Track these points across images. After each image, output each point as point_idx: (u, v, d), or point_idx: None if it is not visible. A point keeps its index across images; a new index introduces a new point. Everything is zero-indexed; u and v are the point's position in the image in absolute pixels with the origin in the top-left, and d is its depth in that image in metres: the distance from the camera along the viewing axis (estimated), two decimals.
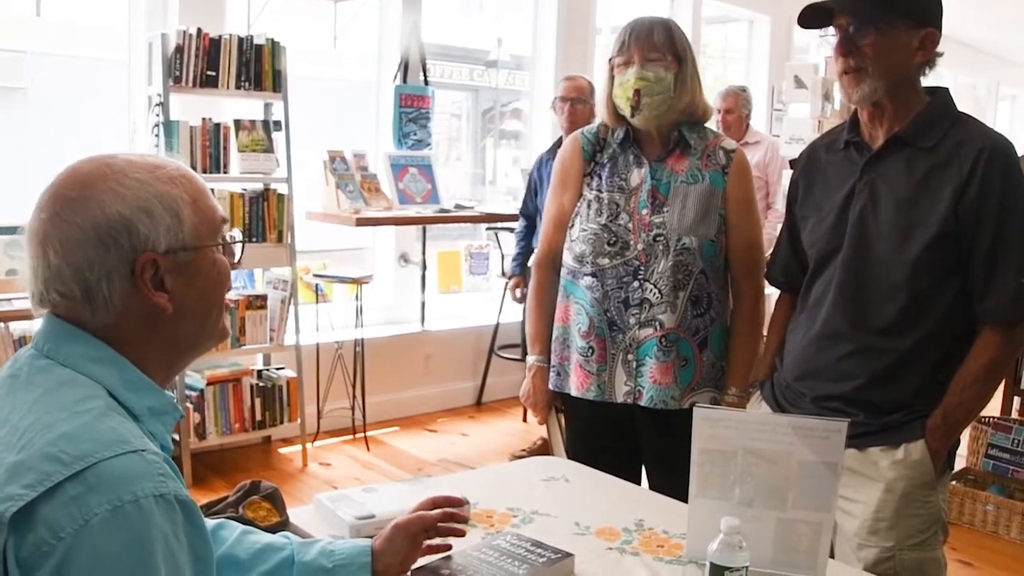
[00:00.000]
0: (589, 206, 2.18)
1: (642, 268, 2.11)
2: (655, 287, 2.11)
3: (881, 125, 1.80)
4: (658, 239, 2.11)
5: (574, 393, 2.21)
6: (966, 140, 1.72)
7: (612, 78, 2.16)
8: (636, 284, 2.12)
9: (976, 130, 1.75)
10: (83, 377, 0.99)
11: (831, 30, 1.76)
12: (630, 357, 2.13)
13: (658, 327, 2.11)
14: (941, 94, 1.81)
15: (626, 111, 2.13)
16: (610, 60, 2.16)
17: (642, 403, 2.14)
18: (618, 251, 2.13)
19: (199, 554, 0.95)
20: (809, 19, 1.77)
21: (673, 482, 2.08)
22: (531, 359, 2.33)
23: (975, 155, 1.69)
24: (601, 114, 2.23)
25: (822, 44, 8.19)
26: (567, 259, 2.23)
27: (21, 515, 0.87)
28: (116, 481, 0.89)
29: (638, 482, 2.25)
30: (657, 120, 2.14)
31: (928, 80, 1.82)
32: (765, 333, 2.19)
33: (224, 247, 1.11)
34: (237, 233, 1.15)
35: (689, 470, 2.16)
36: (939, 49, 1.77)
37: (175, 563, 0.91)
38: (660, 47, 2.10)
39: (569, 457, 2.22)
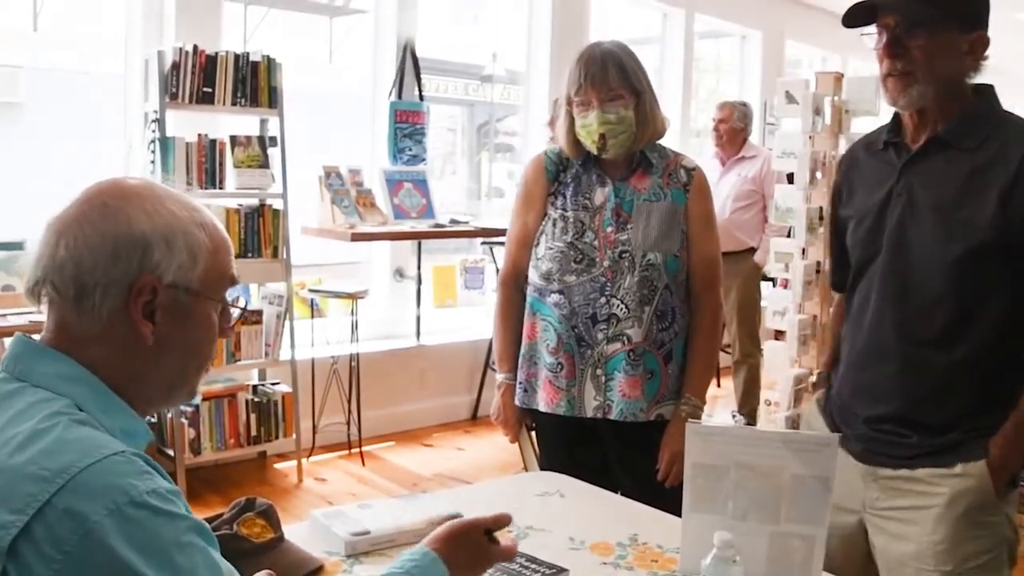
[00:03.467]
0: (554, 224, 2.21)
1: (609, 284, 2.15)
2: (622, 302, 2.14)
3: (924, 129, 1.71)
4: (624, 255, 2.15)
5: (543, 409, 2.24)
6: (1012, 140, 1.62)
7: (571, 114, 2.18)
8: (603, 300, 2.15)
9: (1023, 129, 1.65)
10: (56, 396, 0.98)
11: (870, 28, 1.67)
12: (599, 372, 2.16)
13: (626, 341, 2.14)
14: (987, 92, 1.70)
15: (593, 150, 2.18)
16: (568, 96, 2.18)
17: (612, 416, 2.17)
18: (584, 268, 2.16)
19: (201, 528, 0.96)
20: (853, 18, 1.67)
21: (644, 491, 2.10)
22: (500, 377, 2.35)
23: (1022, 155, 1.60)
24: (561, 144, 2.25)
25: (814, 60, 8.23)
26: (533, 277, 2.25)
27: (16, 541, 0.87)
28: (106, 485, 0.89)
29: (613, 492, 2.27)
30: (625, 152, 2.19)
31: None
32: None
33: (223, 309, 1.11)
34: (241, 302, 1.16)
35: (658, 479, 2.20)
36: (987, 52, 1.67)
37: (185, 550, 0.91)
38: (616, 87, 2.12)
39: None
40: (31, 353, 1.02)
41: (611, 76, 2.12)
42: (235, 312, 1.15)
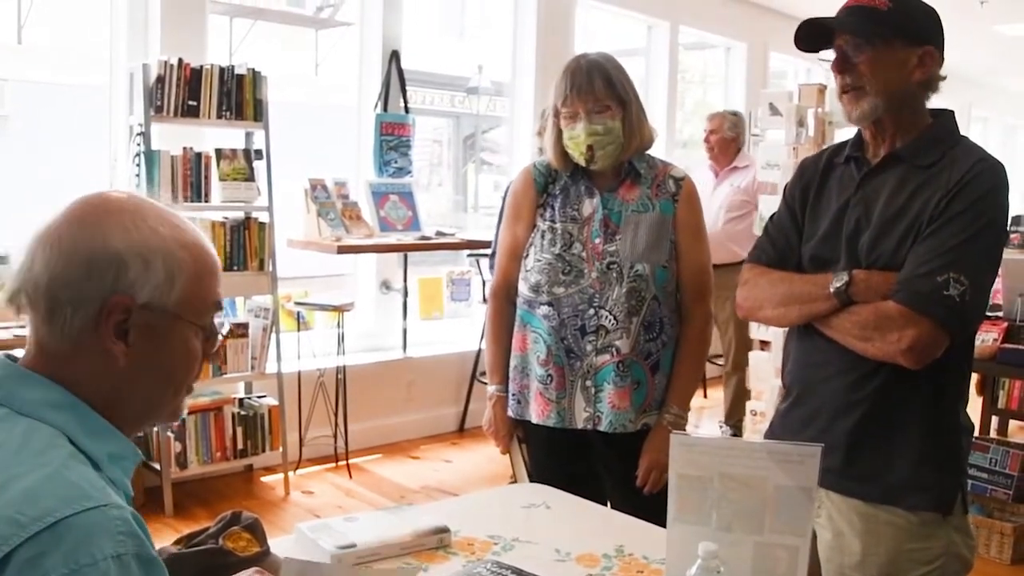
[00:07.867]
0: (543, 236, 2.22)
1: (597, 296, 2.15)
2: (610, 314, 2.15)
3: (883, 144, 1.77)
4: (611, 267, 2.15)
5: (535, 420, 2.24)
6: (959, 160, 1.69)
7: (558, 126, 2.19)
8: (592, 312, 2.15)
9: (975, 152, 1.71)
10: (43, 425, 0.96)
11: (827, 54, 1.74)
12: (588, 383, 2.17)
13: (615, 353, 2.15)
14: (946, 116, 1.78)
15: (581, 162, 2.18)
16: (555, 107, 2.19)
17: (601, 428, 2.17)
18: (573, 280, 2.17)
19: None
20: (809, 41, 1.75)
21: (635, 502, 2.10)
22: (491, 389, 2.35)
23: (966, 170, 1.66)
24: (549, 156, 2.25)
25: (799, 71, 8.29)
26: (523, 289, 2.26)
27: None
28: (75, 542, 0.86)
29: (603, 504, 2.27)
30: (613, 163, 2.20)
31: None
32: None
33: (206, 333, 1.07)
34: (225, 329, 1.12)
35: (636, 486, 2.20)
36: (942, 72, 1.73)
37: None
38: (603, 98, 2.13)
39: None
40: (14, 377, 0.99)
41: (597, 87, 2.13)
42: (217, 340, 1.10)
